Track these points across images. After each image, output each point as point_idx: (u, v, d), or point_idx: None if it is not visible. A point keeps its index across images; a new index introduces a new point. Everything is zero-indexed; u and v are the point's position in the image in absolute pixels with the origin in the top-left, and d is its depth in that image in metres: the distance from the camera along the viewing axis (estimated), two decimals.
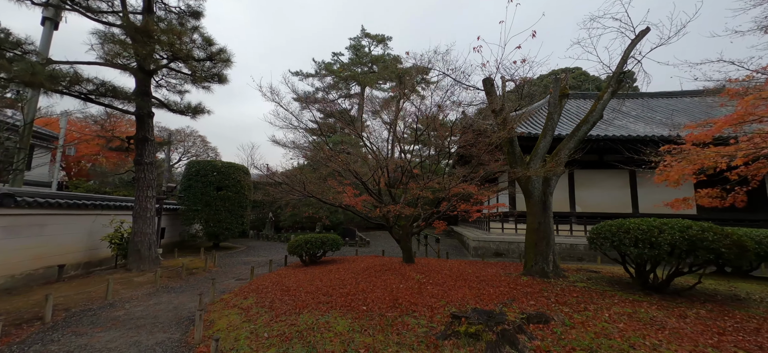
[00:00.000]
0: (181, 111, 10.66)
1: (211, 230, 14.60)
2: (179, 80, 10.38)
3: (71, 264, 8.95)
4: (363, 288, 6.63)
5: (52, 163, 19.09)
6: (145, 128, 9.18)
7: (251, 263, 11.70)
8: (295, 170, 14.44)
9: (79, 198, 9.10)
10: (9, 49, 7.49)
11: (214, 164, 15.21)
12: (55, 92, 7.40)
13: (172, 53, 8.12)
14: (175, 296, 7.02)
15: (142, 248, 8.93)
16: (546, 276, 7.61)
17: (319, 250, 10.33)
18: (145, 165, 9.15)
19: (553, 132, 8.36)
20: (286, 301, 5.81)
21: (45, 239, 8.20)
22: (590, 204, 14.40)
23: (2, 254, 7.16)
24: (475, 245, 14.44)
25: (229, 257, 13.15)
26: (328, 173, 10.14)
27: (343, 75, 29.62)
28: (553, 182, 8.28)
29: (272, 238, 20.25)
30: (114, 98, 8.36)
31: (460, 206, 9.90)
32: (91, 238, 9.70)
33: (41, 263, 8.11)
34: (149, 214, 9.13)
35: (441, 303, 5.49)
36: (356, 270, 8.65)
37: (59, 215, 8.58)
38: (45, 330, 4.83)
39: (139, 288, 7.43)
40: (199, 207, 14.39)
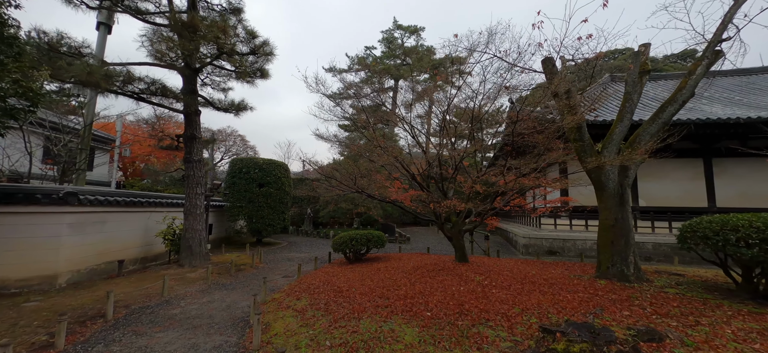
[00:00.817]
0: (225, 108, 10.73)
1: (254, 226, 14.80)
2: (223, 77, 10.42)
3: (129, 259, 9.26)
4: (420, 289, 6.11)
5: (111, 164, 20.44)
6: (192, 125, 9.26)
7: (295, 260, 11.62)
8: (337, 165, 14.18)
9: (135, 196, 9.40)
10: (67, 54, 7.77)
11: (256, 162, 15.39)
12: (110, 91, 7.58)
13: (217, 47, 8.06)
14: (226, 293, 6.93)
15: (194, 244, 9.04)
16: (626, 279, 6.66)
17: (364, 247, 9.97)
18: (193, 162, 9.24)
19: (631, 115, 7.30)
20: (341, 303, 5.42)
21: (106, 236, 8.50)
22: (656, 197, 12.84)
23: (69, 249, 7.45)
24: (525, 243, 13.44)
25: (272, 253, 13.21)
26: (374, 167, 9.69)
27: (378, 69, 29.16)
28: (632, 171, 7.25)
29: (311, 234, 20.36)
30: (163, 96, 8.49)
31: (515, 200, 9.08)
32: (146, 234, 10.02)
33: (103, 259, 8.42)
34: (199, 211, 9.22)
35: (515, 311, 4.83)
36: (406, 269, 8.15)
37: (118, 213, 8.87)
38: (107, 329, 4.79)
39: (192, 285, 7.45)
40: (242, 204, 14.62)
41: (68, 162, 8.86)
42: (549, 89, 7.86)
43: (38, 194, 7.06)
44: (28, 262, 6.98)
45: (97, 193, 8.14)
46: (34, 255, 7.03)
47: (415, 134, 9.02)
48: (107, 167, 20.21)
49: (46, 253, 7.14)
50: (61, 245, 7.28)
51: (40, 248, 7.09)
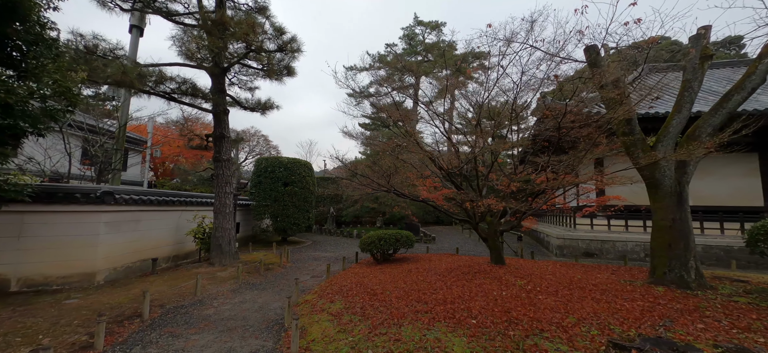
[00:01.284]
0: (251, 108, 10.72)
1: (280, 224, 14.85)
2: (250, 76, 10.41)
3: (162, 257, 9.40)
4: (458, 293, 5.75)
5: (142, 164, 21.17)
6: (221, 125, 9.28)
7: (322, 259, 11.51)
8: (368, 163, 13.95)
9: (167, 195, 9.53)
10: (103, 55, 7.92)
11: (281, 161, 15.43)
12: (143, 91, 7.67)
13: (246, 45, 8.00)
14: (257, 293, 6.83)
15: (223, 243, 9.06)
16: (686, 286, 6.04)
17: (392, 248, 9.68)
18: (223, 162, 9.26)
19: (691, 105, 6.64)
20: (377, 308, 5.16)
21: (140, 234, 8.65)
22: (702, 196, 11.83)
23: (106, 247, 7.59)
24: (559, 244, 12.76)
25: (298, 251, 13.17)
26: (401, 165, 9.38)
27: (399, 66, 28.79)
28: (691, 168, 6.59)
29: (334, 233, 20.31)
30: (194, 96, 8.54)
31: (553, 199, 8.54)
32: (177, 233, 10.16)
33: (138, 257, 8.56)
34: (228, 210, 9.24)
35: (570, 320, 4.40)
36: (439, 271, 7.80)
37: (151, 211, 9.01)
38: (144, 329, 4.74)
39: (223, 284, 7.41)
40: (268, 202, 14.69)
41: (104, 162, 9.11)
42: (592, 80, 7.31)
43: (77, 194, 7.21)
44: (68, 260, 7.15)
45: (132, 192, 8.28)
46: (74, 253, 7.19)
47: (446, 130, 8.64)
48: (139, 168, 20.95)
49: (85, 251, 7.29)
50: (98, 243, 7.42)
51: (80, 246, 7.25)
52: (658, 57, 21.94)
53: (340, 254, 12.75)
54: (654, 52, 6.43)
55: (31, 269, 6.88)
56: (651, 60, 16.49)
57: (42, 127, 5.52)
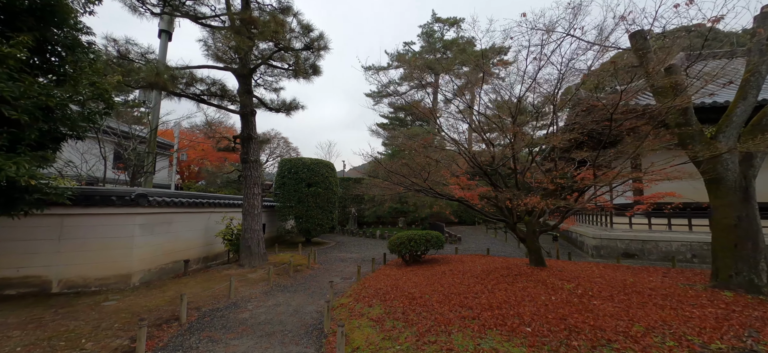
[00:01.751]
0: (276, 109, 10.69)
1: (304, 225, 14.81)
2: (275, 77, 10.38)
3: (193, 259, 9.47)
4: (503, 298, 5.40)
5: (170, 168, 21.73)
6: (249, 126, 9.26)
7: (348, 260, 11.34)
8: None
9: (197, 197, 9.60)
10: (135, 59, 8.03)
11: (304, 162, 15.42)
12: (174, 94, 7.73)
13: (275, 43, 7.92)
14: (290, 296, 6.69)
15: (252, 244, 9.03)
16: (758, 291, 5.46)
17: (422, 249, 9.39)
18: (250, 163, 9.23)
19: (757, 91, 6.03)
20: (420, 313, 4.89)
21: (172, 236, 8.72)
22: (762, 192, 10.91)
23: (141, 249, 7.67)
24: (596, 244, 12.10)
25: (323, 253, 13.07)
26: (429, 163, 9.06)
27: (418, 64, 28.43)
28: (758, 160, 6.00)
29: (357, 233, 20.18)
30: (223, 97, 8.56)
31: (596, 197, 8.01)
32: (207, 234, 10.23)
33: (170, 258, 8.63)
34: (256, 211, 9.20)
35: (637, 329, 3.99)
36: (475, 273, 7.45)
37: (182, 213, 9.08)
38: (182, 333, 4.66)
39: (254, 286, 7.33)
40: (292, 203, 14.69)
41: (137, 166, 9.29)
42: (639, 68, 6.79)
43: (113, 196, 7.30)
44: (105, 261, 7.24)
45: (164, 194, 8.35)
46: (110, 255, 7.29)
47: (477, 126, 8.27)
48: (167, 171, 21.50)
49: (121, 253, 7.38)
50: (133, 245, 7.49)
51: (116, 248, 7.34)
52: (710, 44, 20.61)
53: (366, 255, 12.56)
54: (709, 37, 5.84)
55: (71, 271, 7.00)
56: (707, 46, 15.49)
57: (80, 130, 5.56)
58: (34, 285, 6.73)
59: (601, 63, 7.40)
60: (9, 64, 4.21)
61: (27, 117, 4.32)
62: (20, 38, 4.33)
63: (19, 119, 4.25)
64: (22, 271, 6.69)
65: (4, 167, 4.05)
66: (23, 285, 6.67)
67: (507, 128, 7.78)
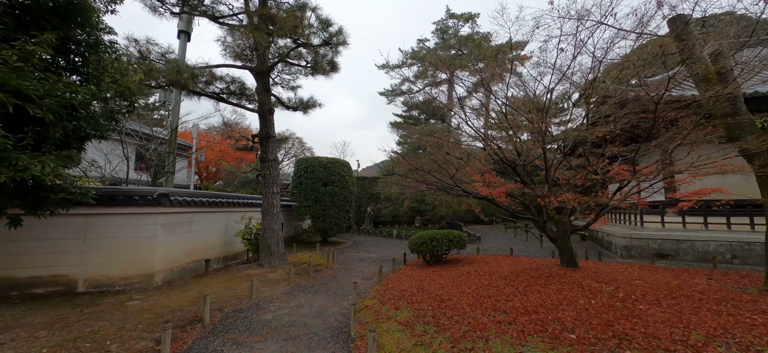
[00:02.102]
0: (294, 107, 10.58)
1: (321, 225, 14.71)
2: (292, 75, 10.26)
3: (213, 258, 9.46)
4: (537, 301, 5.07)
5: (189, 168, 22.08)
6: (267, 124, 9.17)
7: (367, 260, 11.14)
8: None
9: (216, 196, 9.59)
10: (156, 60, 8.04)
11: (320, 161, 15.32)
12: (194, 93, 7.70)
13: (293, 39, 7.78)
14: (312, 297, 6.53)
15: (272, 244, 8.93)
16: None
17: (443, 248, 9.09)
18: (269, 161, 9.14)
19: None
20: (451, 317, 4.62)
21: (193, 235, 8.71)
22: None
23: (163, 249, 7.67)
24: (625, 244, 11.53)
25: (341, 252, 12.93)
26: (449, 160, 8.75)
27: (432, 60, 28.00)
28: None
29: (373, 233, 20.00)
30: (241, 95, 8.49)
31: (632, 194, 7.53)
32: (226, 233, 10.22)
33: (191, 258, 8.63)
34: (275, 210, 9.10)
35: (696, 338, 3.61)
36: (503, 275, 7.12)
37: (202, 213, 9.08)
38: (206, 335, 4.53)
39: (275, 286, 7.21)
40: (309, 203, 14.61)
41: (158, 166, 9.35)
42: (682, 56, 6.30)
43: (135, 196, 7.31)
44: (129, 261, 7.26)
45: (185, 194, 8.34)
46: (133, 254, 7.30)
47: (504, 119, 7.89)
48: (186, 172, 21.84)
49: (144, 252, 7.39)
50: (156, 244, 7.50)
51: (139, 247, 7.35)
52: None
53: (385, 255, 12.34)
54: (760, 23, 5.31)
55: (96, 270, 7.04)
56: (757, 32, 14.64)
57: (103, 129, 5.54)
58: (61, 284, 6.80)
59: (632, 50, 6.95)
60: (33, 62, 4.17)
61: (52, 115, 4.28)
62: (44, 36, 4.29)
63: (44, 118, 4.21)
64: (49, 270, 6.76)
65: (29, 166, 4.00)
66: (51, 283, 6.74)
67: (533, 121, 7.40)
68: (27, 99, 4.08)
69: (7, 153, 3.92)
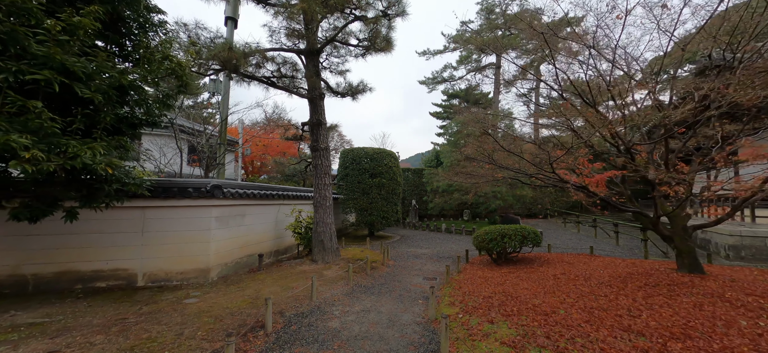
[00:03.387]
0: (343, 93, 9.89)
1: (369, 218, 14.05)
2: (341, 58, 9.54)
3: (266, 252, 9.11)
4: (674, 318, 3.86)
5: (236, 163, 22.59)
6: (317, 111, 8.55)
7: (422, 257, 10.27)
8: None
9: (267, 189, 9.21)
10: (205, 45, 7.68)
11: (366, 151, 14.62)
12: (245, 76, 7.26)
13: (350, 9, 7.00)
14: (375, 299, 5.78)
15: (325, 238, 8.35)
16: None
17: (514, 245, 7.93)
18: (320, 151, 8.54)
19: None
20: (571, 338, 3.58)
21: (246, 229, 8.37)
22: None
23: (217, 243, 7.34)
24: (734, 243, 9.64)
25: (391, 247, 12.17)
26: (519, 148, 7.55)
27: (477, 42, 26.18)
28: None
29: (419, 226, 19.08)
30: (292, 78, 7.92)
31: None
32: (277, 227, 9.85)
33: (245, 252, 8.29)
34: (328, 203, 8.50)
35: None
36: (602, 280, 5.87)
37: (254, 206, 8.71)
38: (270, 345, 3.91)
39: (334, 286, 6.57)
40: (356, 195, 13.99)
41: (210, 158, 9.16)
42: None
43: (190, 188, 7.00)
44: (185, 255, 7.00)
45: (237, 186, 7.97)
46: (189, 249, 7.03)
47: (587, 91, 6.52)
48: (233, 166, 22.36)
49: (199, 246, 7.09)
50: (210, 238, 7.17)
51: (194, 241, 7.06)
52: None
53: (440, 251, 11.39)
54: None
55: (154, 264, 6.84)
56: None
57: (155, 115, 5.12)
58: (121, 278, 6.67)
59: None
60: (80, 37, 3.71)
61: (101, 97, 3.82)
62: (92, 7, 3.82)
63: (93, 99, 3.75)
64: (110, 264, 6.64)
65: (79, 154, 3.55)
66: (112, 277, 6.62)
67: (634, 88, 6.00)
68: (74, 78, 3.63)
69: (56, 139, 3.48)
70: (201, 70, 6.82)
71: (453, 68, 31.30)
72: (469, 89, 36.92)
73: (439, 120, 41.77)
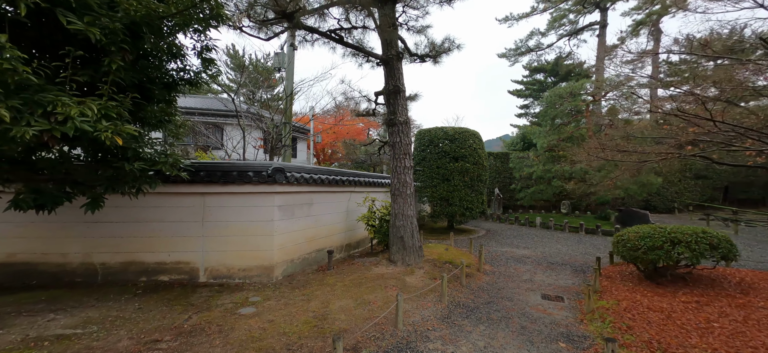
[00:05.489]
0: (422, 56, 8.01)
1: (448, 209, 12.04)
2: (420, 9, 7.63)
3: (336, 247, 7.90)
4: None
5: (308, 151, 22.59)
6: (394, 75, 6.85)
7: (524, 260, 7.97)
8: None
9: (337, 173, 7.91)
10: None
11: (446, 131, 12.53)
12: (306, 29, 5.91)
13: None
14: (487, 330, 3.91)
15: (405, 235, 6.71)
16: None
17: (690, 257, 5.19)
18: (399, 125, 6.85)
19: None
20: None
21: (313, 220, 7.18)
22: None
23: (281, 236, 6.22)
24: None
25: (479, 245, 10.02)
26: None
27: None
28: None
29: (503, 219, 16.39)
30: (364, 31, 6.37)
31: None
32: (348, 217, 8.56)
33: (313, 247, 7.13)
34: (409, 190, 6.82)
35: None
36: None
37: (322, 193, 7.49)
38: None
39: (422, 302, 4.88)
40: (436, 182, 12.08)
41: (275, 139, 8.25)
42: None
43: (250, 172, 5.96)
44: (247, 249, 6.02)
45: (302, 170, 6.77)
46: (251, 242, 6.03)
47: None
48: (305, 153, 22.36)
49: (262, 240, 6.05)
50: (274, 231, 6.07)
51: (256, 233, 6.04)
52: None
53: (546, 253, 8.90)
54: None
55: (216, 258, 6.00)
56: None
57: (180, 56, 3.89)
58: (184, 272, 5.95)
59: None
60: None
61: (101, 34, 2.60)
62: None
63: (90, 38, 2.54)
64: (173, 256, 5.96)
65: (70, 115, 2.37)
66: (175, 270, 5.94)
67: None
68: (63, 5, 2.45)
69: (37, 93, 2.33)
70: (253, 19, 5.59)
71: (541, 35, 26.77)
72: (559, 60, 31.60)
73: (519, 99, 37.11)
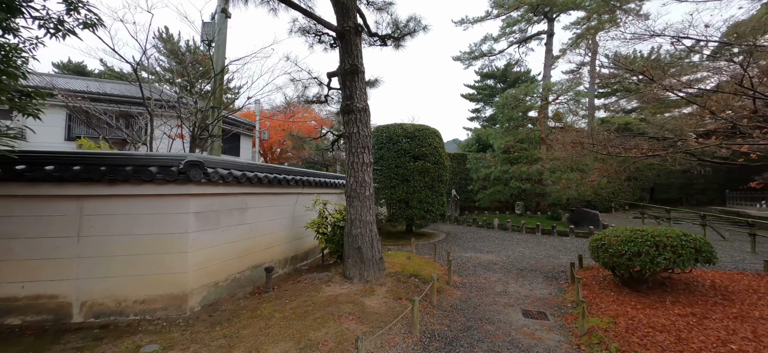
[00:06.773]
0: (383, 36, 7.01)
1: (407, 212, 11.13)
2: None
3: (277, 261, 6.47)
4: None
5: (253, 148, 20.38)
6: (352, 52, 5.67)
7: (493, 268, 7.23)
8: None
9: (280, 172, 6.48)
10: None
11: (405, 128, 11.63)
12: None
13: None
14: None
15: (364, 244, 5.53)
16: None
17: (667, 261, 4.77)
18: (357, 112, 5.67)
19: None
20: None
21: (247, 229, 5.70)
22: None
23: (199, 253, 4.68)
24: None
25: (445, 251, 9.22)
26: None
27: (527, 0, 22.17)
28: None
29: (461, 221, 16.00)
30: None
31: None
32: (294, 225, 7.17)
33: (247, 263, 5.65)
34: (368, 191, 5.67)
35: None
36: None
37: (261, 195, 6.04)
38: None
39: (388, 336, 3.76)
40: (395, 183, 11.10)
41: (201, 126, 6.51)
42: None
43: (152, 167, 4.34)
44: (147, 273, 4.39)
45: (232, 165, 5.27)
46: (155, 263, 4.41)
47: None
48: (250, 152, 20.14)
49: (170, 259, 4.47)
50: (188, 246, 4.52)
51: (162, 250, 4.44)
52: None
53: (512, 258, 8.32)
54: None
55: (99, 287, 4.28)
56: None
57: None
58: (46, 310, 4.14)
59: None
60: None
61: None
62: None
63: None
64: (29, 288, 4.13)
65: None
66: (31, 309, 4.11)
67: None
68: None
69: None
70: None
71: (493, 40, 27.40)
72: (508, 67, 33.31)
73: (471, 102, 38.26)
